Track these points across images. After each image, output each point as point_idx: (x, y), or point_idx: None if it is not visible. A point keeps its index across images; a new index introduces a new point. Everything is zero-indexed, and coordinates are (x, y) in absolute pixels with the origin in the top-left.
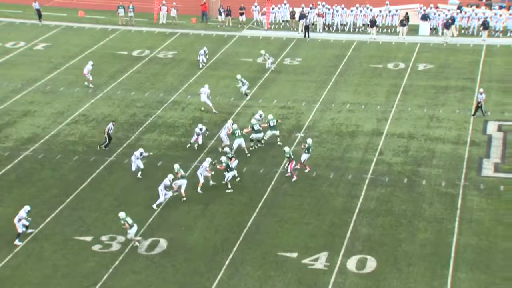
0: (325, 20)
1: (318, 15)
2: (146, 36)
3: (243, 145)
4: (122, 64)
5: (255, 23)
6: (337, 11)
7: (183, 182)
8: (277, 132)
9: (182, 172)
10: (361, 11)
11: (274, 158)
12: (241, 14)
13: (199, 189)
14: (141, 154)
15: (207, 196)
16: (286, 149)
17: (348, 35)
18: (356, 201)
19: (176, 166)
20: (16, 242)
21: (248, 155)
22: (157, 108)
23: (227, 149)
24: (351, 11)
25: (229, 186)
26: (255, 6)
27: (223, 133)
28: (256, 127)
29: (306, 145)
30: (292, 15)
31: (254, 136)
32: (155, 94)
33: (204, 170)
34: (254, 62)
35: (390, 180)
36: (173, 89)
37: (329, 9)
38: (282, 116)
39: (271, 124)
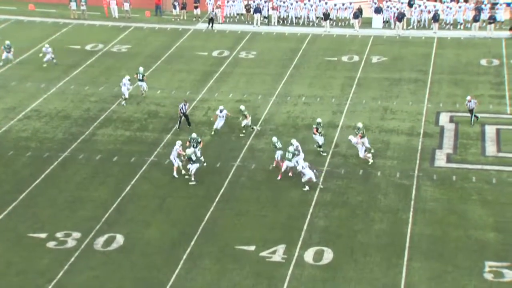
0: (280, 13)
1: (273, 8)
2: (99, 30)
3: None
4: (75, 59)
5: (216, 15)
6: (291, 4)
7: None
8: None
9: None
10: (315, 4)
11: (231, 151)
12: (196, 7)
13: (174, 173)
14: (180, 145)
15: (164, 190)
16: (274, 139)
17: (302, 28)
18: (312, 194)
19: (179, 142)
20: None
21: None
22: (112, 102)
23: (194, 134)
24: (305, 4)
25: (193, 178)
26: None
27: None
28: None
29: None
30: (247, 8)
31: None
32: (109, 89)
33: (176, 152)
34: (209, 55)
35: (345, 172)
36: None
37: (284, 2)
38: (239, 110)
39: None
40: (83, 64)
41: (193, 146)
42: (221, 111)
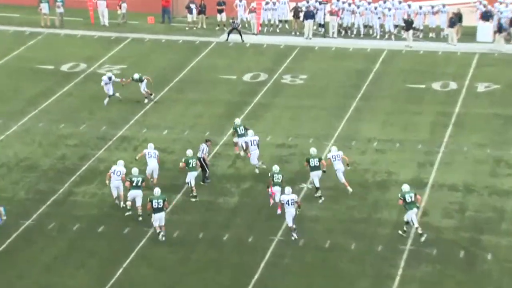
0: (341, 20)
1: (332, 13)
2: (81, 43)
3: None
4: (46, 84)
5: (239, 24)
6: (358, 7)
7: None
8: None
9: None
10: (393, 7)
11: (269, 219)
12: (220, 11)
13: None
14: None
15: (172, 275)
16: (275, 168)
17: (374, 41)
18: (390, 285)
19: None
20: None
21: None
22: (98, 147)
23: (134, 170)
24: (376, 8)
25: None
26: (240, 0)
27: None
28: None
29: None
30: (295, 13)
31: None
32: (94, 128)
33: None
34: (239, 80)
35: (439, 253)
36: (121, 120)
37: (349, 5)
38: (280, 159)
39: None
40: (57, 92)
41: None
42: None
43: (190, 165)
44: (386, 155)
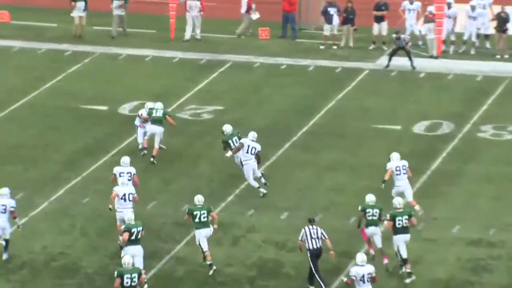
0: None
1: None
2: (152, 70)
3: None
4: (95, 135)
5: (410, 40)
6: None
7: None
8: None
9: None
10: None
11: None
12: (379, 19)
13: None
14: None
15: None
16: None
17: None
18: None
19: None
20: None
21: None
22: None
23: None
24: None
25: None
26: (411, 3)
27: None
28: None
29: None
30: (501, 22)
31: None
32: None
33: None
34: (406, 131)
35: None
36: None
37: None
38: (476, 264)
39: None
40: (113, 148)
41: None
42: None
43: (197, 219)
44: None
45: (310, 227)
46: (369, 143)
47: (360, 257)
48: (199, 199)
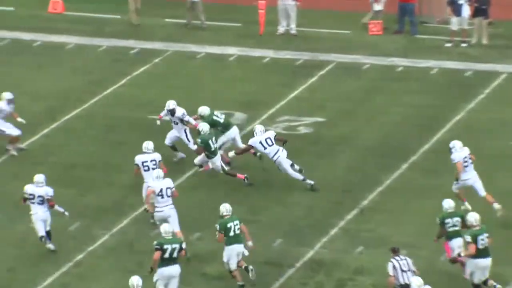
0: None
1: None
2: (238, 72)
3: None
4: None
5: None
6: None
7: None
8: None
9: None
10: None
11: None
12: None
13: None
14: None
15: None
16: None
17: None
18: None
19: None
20: None
21: None
22: None
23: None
24: None
25: None
26: None
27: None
28: None
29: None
30: None
31: None
32: None
33: None
34: None
35: None
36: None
37: None
38: None
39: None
40: (185, 172)
41: None
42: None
43: (231, 232)
44: None
45: (398, 258)
46: (509, 164)
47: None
48: (227, 208)
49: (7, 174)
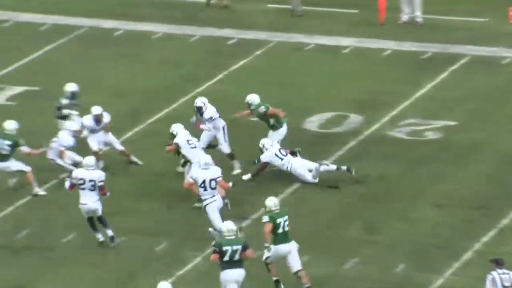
0: None
1: None
2: (355, 65)
3: None
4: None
5: None
6: None
7: None
8: None
9: None
10: None
11: None
12: None
13: None
14: None
15: None
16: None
17: None
18: None
19: None
20: None
21: None
22: None
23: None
24: None
25: None
26: None
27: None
28: None
29: None
30: None
31: None
32: None
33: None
34: None
35: None
36: None
37: None
38: None
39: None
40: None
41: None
42: None
43: (280, 229)
44: None
45: (500, 271)
46: None
47: None
48: (275, 202)
49: None
